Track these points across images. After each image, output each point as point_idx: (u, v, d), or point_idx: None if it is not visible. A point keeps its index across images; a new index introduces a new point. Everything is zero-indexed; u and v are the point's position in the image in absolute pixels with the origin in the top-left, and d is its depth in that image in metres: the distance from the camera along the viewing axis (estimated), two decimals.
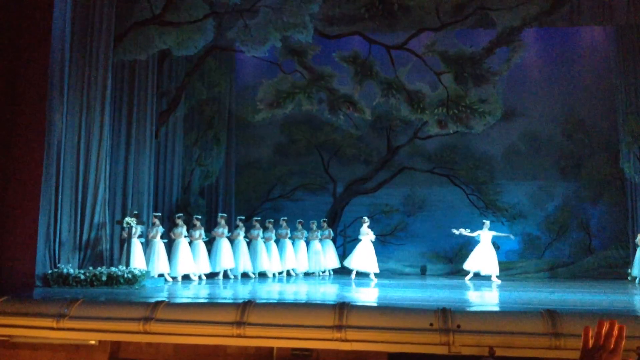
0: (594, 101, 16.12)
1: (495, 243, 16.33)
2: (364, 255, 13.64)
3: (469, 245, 16.21)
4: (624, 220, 15.45)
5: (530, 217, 14.41)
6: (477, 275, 13.44)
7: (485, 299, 10.14)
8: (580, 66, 16.19)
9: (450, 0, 14.04)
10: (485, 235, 13.62)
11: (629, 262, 14.31)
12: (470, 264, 13.51)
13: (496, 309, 8.48)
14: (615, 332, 1.65)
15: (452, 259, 15.73)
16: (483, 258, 13.38)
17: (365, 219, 14.02)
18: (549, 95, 16.27)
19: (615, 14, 13.40)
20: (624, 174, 15.28)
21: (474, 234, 13.64)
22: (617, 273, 14.68)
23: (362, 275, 13.62)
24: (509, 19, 13.96)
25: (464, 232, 13.53)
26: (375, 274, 13.52)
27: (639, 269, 13.33)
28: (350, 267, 13.76)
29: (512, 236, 13.91)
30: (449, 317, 6.52)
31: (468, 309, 7.82)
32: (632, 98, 14.99)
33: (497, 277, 13.22)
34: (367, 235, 13.77)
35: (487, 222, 13.89)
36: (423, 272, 13.70)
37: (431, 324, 6.45)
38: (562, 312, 6.70)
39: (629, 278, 13.88)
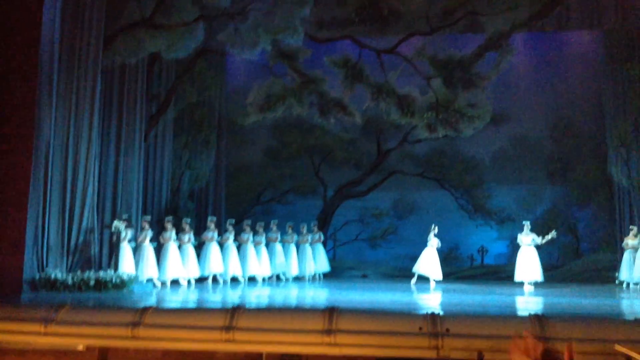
0: (582, 105, 16.24)
1: (483, 247, 16.42)
2: (429, 260, 13.58)
3: (458, 249, 16.29)
4: (611, 224, 15.56)
5: (519, 220, 14.47)
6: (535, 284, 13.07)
7: (474, 303, 10.17)
8: (568, 71, 16.30)
9: (440, 5, 14.11)
10: (524, 239, 13.33)
11: (617, 265, 14.39)
12: (521, 275, 13.17)
13: (485, 313, 8.50)
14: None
15: (442, 262, 15.75)
16: (527, 264, 13.09)
17: (434, 226, 13.88)
18: (537, 100, 16.38)
19: (603, 19, 13.53)
20: (612, 177, 15.40)
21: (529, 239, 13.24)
22: (605, 277, 14.77)
23: (423, 279, 13.57)
24: (498, 24, 14.04)
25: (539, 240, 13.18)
26: (436, 280, 13.46)
27: (627, 272, 13.42)
28: (414, 270, 13.70)
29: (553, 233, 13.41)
30: (438, 321, 6.53)
31: (457, 313, 7.84)
32: (619, 102, 15.12)
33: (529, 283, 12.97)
34: (431, 242, 13.72)
35: (527, 224, 13.49)
36: (413, 276, 13.73)
37: (420, 328, 6.46)
38: (550, 317, 6.74)
39: (617, 282, 13.97)
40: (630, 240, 13.45)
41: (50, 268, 10.85)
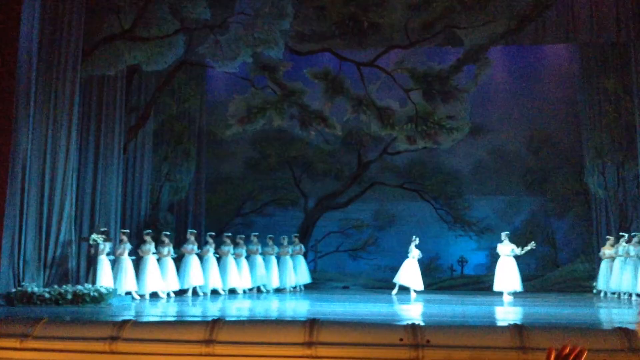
0: (559, 117, 16.49)
1: (463, 257, 16.52)
2: (409, 271, 13.66)
3: (438, 259, 16.37)
4: (589, 234, 15.77)
5: (498, 231, 14.61)
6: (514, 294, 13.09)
7: (455, 313, 10.22)
8: (545, 83, 16.57)
9: (419, 18, 14.26)
10: (503, 249, 13.41)
11: (594, 275, 14.59)
12: (500, 284, 13.23)
13: (465, 323, 8.55)
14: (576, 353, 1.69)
15: (422, 273, 15.82)
16: (506, 274, 13.17)
17: (414, 237, 13.99)
18: (515, 112, 16.60)
19: (579, 33, 13.77)
20: (588, 188, 15.63)
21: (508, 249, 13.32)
22: (583, 286, 14.96)
23: (404, 290, 13.61)
24: (476, 37, 14.23)
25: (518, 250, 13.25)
26: (417, 291, 13.48)
27: (604, 282, 13.59)
28: (394, 281, 13.75)
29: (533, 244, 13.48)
30: (418, 332, 6.54)
31: (437, 324, 7.87)
32: (595, 115, 15.38)
33: (508, 293, 13.06)
34: (412, 253, 13.79)
35: (505, 234, 13.58)
36: (393, 287, 13.77)
37: (401, 339, 6.47)
38: (529, 326, 6.79)
39: (594, 291, 14.15)
40: (607, 250, 13.63)
41: (27, 282, 10.69)
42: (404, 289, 13.57)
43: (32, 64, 11.14)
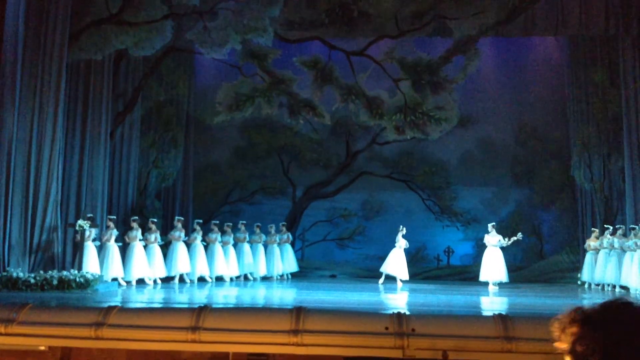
0: (546, 110, 16.56)
1: (450, 247, 16.61)
2: (396, 261, 13.65)
3: (425, 249, 16.44)
4: (574, 226, 15.91)
5: (484, 222, 14.69)
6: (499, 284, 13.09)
7: (440, 303, 10.29)
8: (533, 76, 16.61)
9: (409, 8, 14.24)
10: (490, 240, 13.45)
11: (579, 267, 14.73)
12: (486, 275, 13.27)
13: (450, 313, 8.62)
14: None
15: (409, 263, 15.90)
16: (492, 265, 13.22)
17: (401, 227, 13.95)
18: (503, 104, 16.65)
19: (568, 25, 13.82)
20: (575, 181, 15.74)
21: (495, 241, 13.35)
22: (568, 278, 15.10)
23: (390, 279, 13.61)
24: (466, 28, 14.23)
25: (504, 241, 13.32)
26: (402, 280, 13.50)
27: (588, 273, 13.74)
28: (381, 270, 13.74)
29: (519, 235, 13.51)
30: (403, 321, 6.59)
31: (423, 313, 7.92)
32: (582, 107, 15.47)
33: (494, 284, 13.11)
34: (399, 243, 13.77)
35: (492, 225, 13.60)
36: (380, 276, 13.83)
37: (386, 328, 6.51)
38: (513, 316, 6.85)
39: (579, 282, 14.29)
40: (592, 242, 13.76)
41: (12, 267, 10.61)
42: (391, 279, 13.64)
43: (17, 48, 11.01)
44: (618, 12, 13.34)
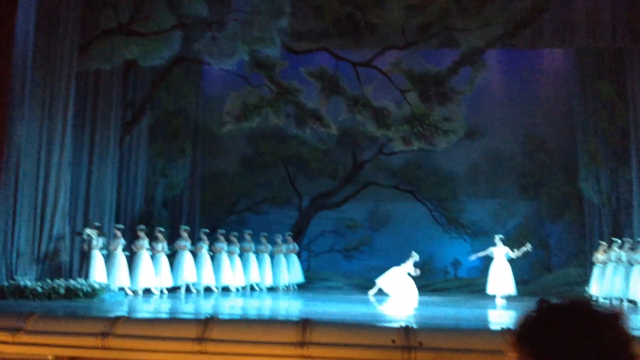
0: (554, 122, 16.54)
1: (458, 260, 16.54)
2: (394, 280, 13.52)
3: (432, 261, 16.38)
4: (582, 239, 15.82)
5: (491, 234, 14.63)
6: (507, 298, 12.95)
7: (447, 316, 10.24)
8: (541, 88, 16.61)
9: (416, 20, 14.27)
10: (498, 252, 13.33)
11: (586, 280, 14.63)
12: (493, 288, 13.11)
13: (458, 326, 8.57)
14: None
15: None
16: (500, 278, 13.05)
17: (414, 253, 13.75)
18: (510, 115, 16.64)
19: (575, 38, 13.82)
20: (582, 193, 15.67)
21: (486, 252, 13.37)
22: (575, 291, 14.99)
23: (382, 293, 13.50)
24: (473, 40, 14.25)
25: (479, 254, 13.32)
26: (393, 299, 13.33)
27: (596, 287, 13.64)
28: (376, 281, 13.63)
29: (528, 246, 13.43)
30: (411, 334, 6.56)
31: (430, 326, 7.88)
32: (590, 120, 15.44)
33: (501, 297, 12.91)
34: (406, 265, 13.62)
35: (499, 237, 13.46)
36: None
37: (393, 341, 6.48)
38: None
39: (587, 296, 14.19)
40: (599, 255, 13.67)
41: (20, 275, 10.64)
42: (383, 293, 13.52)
43: (27, 58, 11.08)
44: (625, 25, 13.32)
